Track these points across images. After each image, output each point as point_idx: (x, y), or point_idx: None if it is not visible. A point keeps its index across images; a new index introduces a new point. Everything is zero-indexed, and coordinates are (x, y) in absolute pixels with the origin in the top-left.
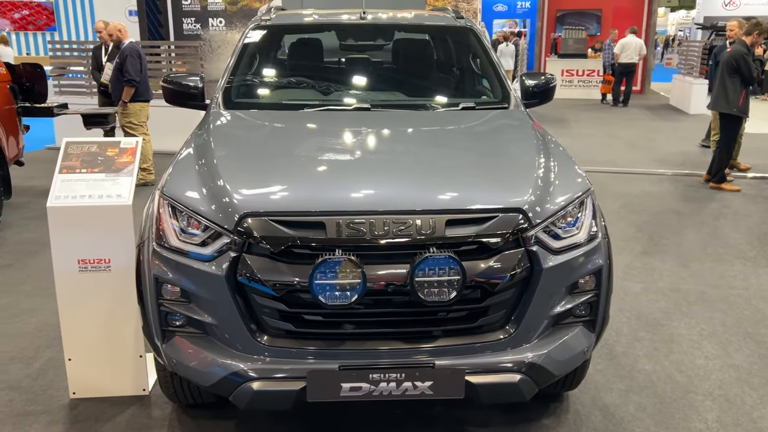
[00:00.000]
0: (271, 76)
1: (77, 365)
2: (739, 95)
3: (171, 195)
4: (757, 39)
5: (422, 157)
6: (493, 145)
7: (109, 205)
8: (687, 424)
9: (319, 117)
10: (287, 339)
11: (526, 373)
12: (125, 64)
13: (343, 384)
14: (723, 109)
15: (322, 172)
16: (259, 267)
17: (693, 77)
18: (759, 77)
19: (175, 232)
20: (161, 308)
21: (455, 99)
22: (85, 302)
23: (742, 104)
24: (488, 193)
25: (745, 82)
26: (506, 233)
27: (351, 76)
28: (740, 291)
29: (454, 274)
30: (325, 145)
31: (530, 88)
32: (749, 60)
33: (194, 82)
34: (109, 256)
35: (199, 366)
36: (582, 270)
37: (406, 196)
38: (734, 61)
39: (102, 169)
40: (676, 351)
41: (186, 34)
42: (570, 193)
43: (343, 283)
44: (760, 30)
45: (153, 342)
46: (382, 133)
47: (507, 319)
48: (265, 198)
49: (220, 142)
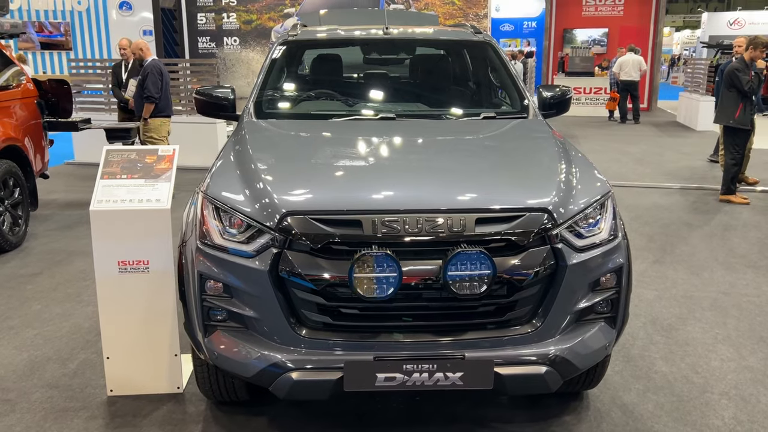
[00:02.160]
0: (299, 88)
1: (115, 363)
2: (736, 108)
3: (214, 196)
4: (755, 53)
5: (450, 161)
6: (518, 150)
7: (149, 209)
8: (704, 421)
9: (348, 125)
10: (325, 331)
11: (551, 366)
12: (146, 81)
13: (378, 374)
14: (722, 122)
15: (357, 174)
16: (300, 262)
17: (700, 94)
18: (755, 90)
19: (219, 231)
20: (204, 304)
21: (476, 109)
22: (124, 302)
23: (740, 116)
24: (515, 194)
25: (742, 95)
26: (533, 231)
27: (375, 89)
28: (752, 298)
29: (485, 268)
30: (357, 150)
31: (547, 99)
32: (741, 75)
33: (225, 94)
34: (147, 257)
35: (240, 358)
36: (604, 267)
37: (438, 196)
38: (728, 76)
39: (141, 175)
40: (691, 354)
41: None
42: (591, 195)
43: (381, 277)
44: (755, 44)
45: (194, 337)
46: (410, 139)
47: (533, 314)
48: (305, 197)
49: (257, 148)
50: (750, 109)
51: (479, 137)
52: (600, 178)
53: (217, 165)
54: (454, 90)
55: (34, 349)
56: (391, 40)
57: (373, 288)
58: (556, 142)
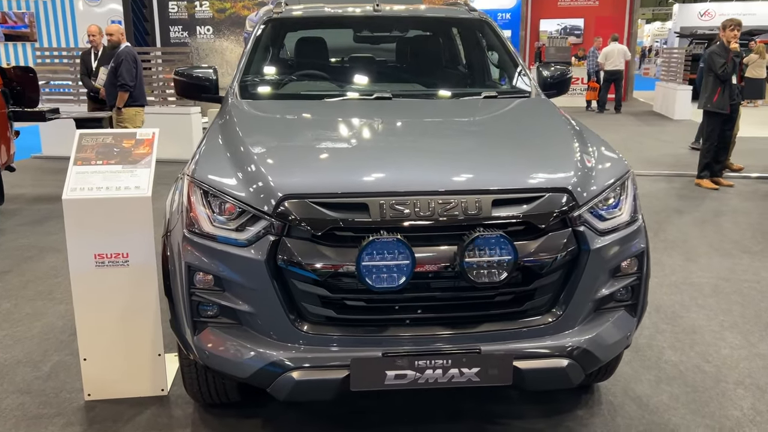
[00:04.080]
0: (287, 68)
1: (92, 365)
2: (714, 92)
3: (202, 179)
4: (729, 34)
5: (459, 140)
6: (530, 129)
7: (128, 197)
8: (723, 412)
9: (343, 105)
10: (328, 326)
11: (573, 358)
12: (120, 69)
13: (388, 372)
14: (701, 106)
15: (360, 154)
16: (300, 251)
17: (677, 83)
18: (728, 74)
19: (208, 218)
20: (192, 298)
21: (475, 89)
22: (102, 299)
23: (717, 101)
24: (533, 173)
25: (719, 79)
26: (553, 213)
27: (368, 68)
28: (753, 284)
29: (505, 254)
30: (356, 130)
31: (547, 79)
32: (716, 58)
33: (207, 74)
34: (127, 250)
35: (235, 357)
36: (626, 252)
37: (451, 176)
38: (703, 61)
39: (118, 160)
40: (699, 342)
41: (173, 42)
42: (612, 174)
43: (392, 265)
44: (724, 25)
45: (182, 335)
46: (412, 118)
47: (553, 303)
48: (304, 180)
49: (247, 129)
50: (730, 94)
51: (485, 116)
52: (618, 157)
53: (203, 148)
54: (450, 69)
55: (4, 352)
56: (383, 18)
57: (384, 277)
58: (567, 120)
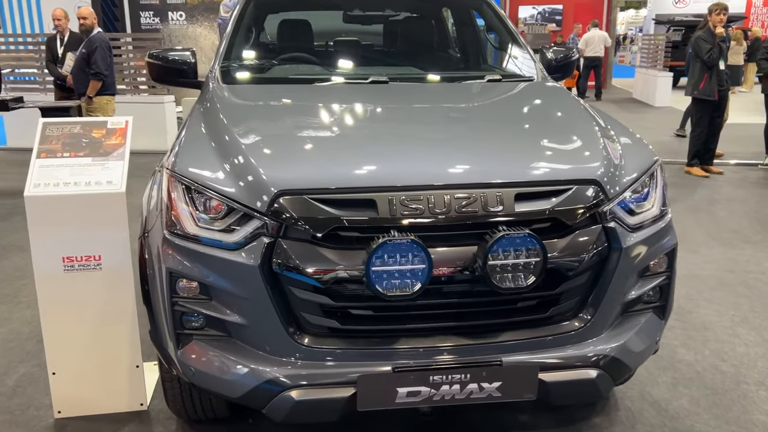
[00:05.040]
0: (272, 50)
1: (63, 379)
2: (701, 78)
3: (183, 173)
4: (715, 19)
5: (470, 128)
6: (546, 115)
7: (99, 193)
8: (748, 417)
9: (337, 90)
10: (331, 338)
11: (603, 368)
12: (94, 56)
13: (399, 389)
14: (689, 93)
15: (364, 144)
16: (299, 254)
17: (657, 70)
18: (715, 60)
19: (192, 217)
20: (175, 308)
21: (477, 72)
22: (72, 307)
23: (704, 87)
24: (558, 164)
25: (706, 65)
26: (583, 208)
27: (358, 51)
28: (758, 275)
29: (534, 255)
30: (356, 117)
31: (552, 62)
32: (702, 43)
33: (185, 56)
34: (99, 252)
35: (225, 374)
36: (658, 249)
37: (468, 168)
38: (691, 47)
39: (88, 152)
40: (712, 339)
41: (144, 28)
42: (640, 163)
43: (406, 270)
44: (710, 9)
45: (164, 349)
46: (415, 104)
47: (580, 308)
48: (302, 173)
49: (233, 117)
50: (718, 80)
51: (495, 102)
52: (644, 144)
53: (183, 138)
54: (448, 52)
55: None
56: None
57: (396, 284)
58: (584, 105)
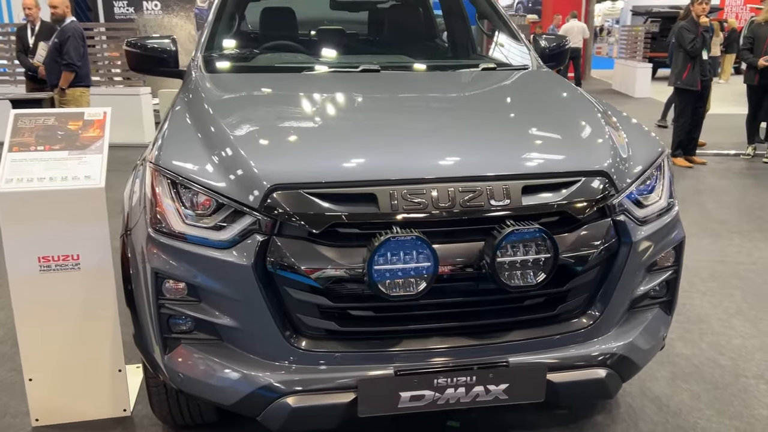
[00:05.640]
0: (257, 37)
1: (40, 385)
2: (684, 68)
3: (168, 167)
4: (698, 8)
5: (470, 118)
6: (548, 104)
7: (76, 188)
8: (750, 412)
9: (327, 79)
10: (329, 341)
11: (611, 367)
12: (66, 46)
13: (402, 393)
14: (672, 83)
15: (362, 134)
16: (295, 252)
17: (636, 61)
18: (698, 50)
19: (178, 214)
20: (161, 311)
21: (470, 60)
22: (49, 309)
23: (687, 77)
24: (565, 155)
25: (689, 55)
26: (592, 200)
27: (346, 39)
28: (749, 266)
29: (544, 251)
30: (350, 107)
31: (545, 50)
32: (686, 33)
33: (165, 44)
34: (77, 251)
35: (216, 381)
36: (667, 243)
37: (472, 159)
38: (675, 37)
39: (64, 145)
40: (708, 332)
41: (117, 18)
42: (647, 154)
43: (410, 268)
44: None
45: (149, 354)
46: (410, 94)
47: (588, 305)
48: (297, 166)
49: (219, 107)
50: (701, 71)
51: (493, 90)
52: (650, 134)
53: (167, 130)
54: (437, 40)
55: None
56: None
57: (400, 283)
58: (584, 94)
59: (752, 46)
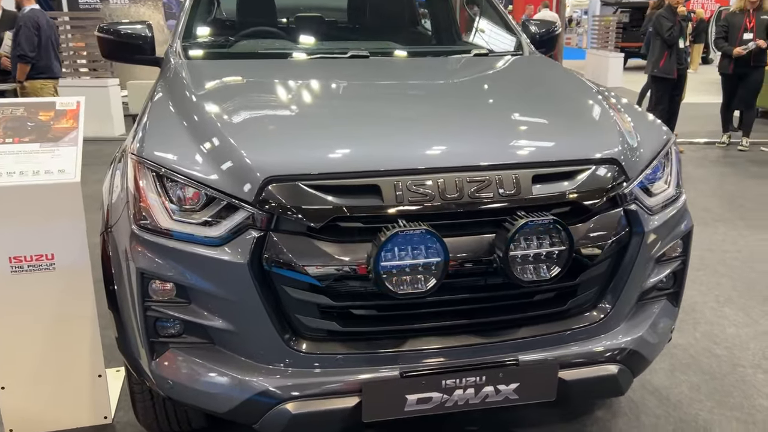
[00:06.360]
0: (239, 22)
1: (14, 394)
2: (661, 56)
3: (154, 159)
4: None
5: (476, 104)
6: (550, 90)
7: (50, 183)
8: (750, 403)
9: (317, 65)
10: (331, 343)
11: (623, 362)
12: (18, 36)
13: (409, 396)
14: (649, 71)
15: (362, 123)
16: (294, 249)
17: (608, 51)
18: (675, 38)
19: (165, 209)
20: (148, 313)
21: (461, 46)
22: (22, 312)
23: (664, 65)
24: (575, 142)
25: (666, 43)
26: (604, 189)
27: (331, 24)
28: (735, 254)
29: (559, 243)
30: (349, 94)
31: (536, 36)
32: (664, 21)
33: (140, 30)
34: (52, 250)
35: (209, 387)
36: (677, 232)
37: (479, 148)
38: (652, 25)
39: (35, 137)
40: (701, 321)
41: (82, 7)
42: (655, 141)
43: (419, 264)
44: None
45: (134, 360)
46: (408, 80)
47: (598, 298)
48: (294, 157)
49: (205, 95)
50: (677, 59)
51: (491, 76)
52: (655, 120)
53: (148, 120)
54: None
55: None
56: None
57: (408, 280)
58: (585, 80)
59: (727, 34)
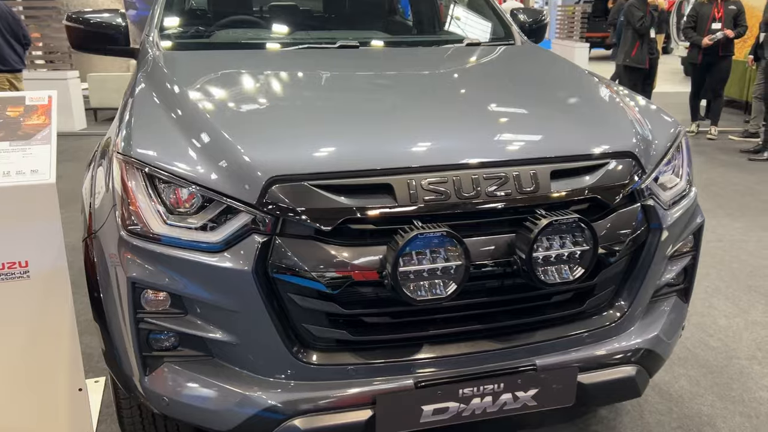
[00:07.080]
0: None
1: None
2: (633, 46)
3: (143, 159)
4: None
5: (483, 97)
6: (555, 81)
7: (22, 185)
8: (751, 395)
9: (307, 56)
10: (341, 353)
11: (640, 363)
12: None
13: (425, 407)
14: (620, 61)
15: (368, 118)
16: (302, 254)
17: (574, 41)
18: (647, 28)
19: (157, 213)
20: (140, 326)
21: (453, 36)
22: None
23: (636, 55)
24: (591, 136)
25: (638, 33)
26: (622, 184)
27: (319, 12)
28: (717, 243)
29: (583, 243)
30: (349, 86)
31: (525, 24)
32: (634, 11)
33: (112, 19)
34: (25, 257)
35: (210, 404)
36: (690, 227)
37: (493, 143)
38: (623, 15)
39: (4, 135)
40: (693, 312)
41: None
42: (666, 133)
43: (439, 268)
44: None
45: (124, 375)
46: (406, 71)
47: (615, 297)
48: (299, 154)
49: (195, 88)
50: (648, 49)
51: (493, 67)
52: (663, 111)
53: (132, 115)
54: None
55: None
56: None
57: (426, 285)
58: (587, 71)
59: (695, 24)
